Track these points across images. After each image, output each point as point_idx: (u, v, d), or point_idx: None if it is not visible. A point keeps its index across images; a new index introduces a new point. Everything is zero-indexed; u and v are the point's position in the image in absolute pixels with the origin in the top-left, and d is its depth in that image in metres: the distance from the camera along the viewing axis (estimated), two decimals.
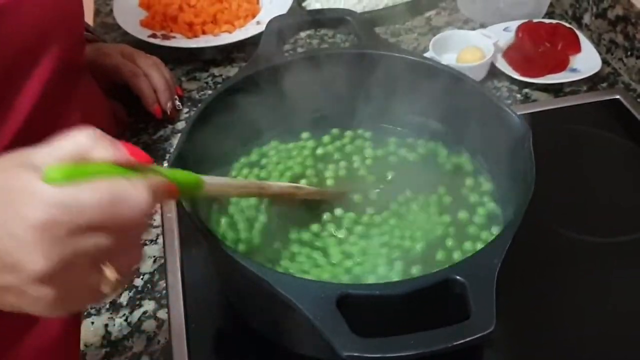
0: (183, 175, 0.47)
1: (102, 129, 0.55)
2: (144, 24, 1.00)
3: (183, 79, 0.95)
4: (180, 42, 0.97)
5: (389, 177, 0.71)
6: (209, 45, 0.96)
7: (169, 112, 0.85)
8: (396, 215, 0.66)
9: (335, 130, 0.77)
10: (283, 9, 1.00)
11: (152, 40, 0.96)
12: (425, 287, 0.50)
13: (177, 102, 0.87)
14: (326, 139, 0.76)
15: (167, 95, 0.85)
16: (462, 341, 0.45)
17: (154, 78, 0.84)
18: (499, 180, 0.68)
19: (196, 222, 0.55)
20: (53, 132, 0.62)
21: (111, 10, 1.05)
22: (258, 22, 1.00)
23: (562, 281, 0.66)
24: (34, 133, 0.59)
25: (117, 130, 0.85)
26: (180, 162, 0.60)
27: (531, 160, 0.60)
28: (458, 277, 0.49)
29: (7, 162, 0.39)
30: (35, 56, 0.59)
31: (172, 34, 0.98)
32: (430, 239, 0.63)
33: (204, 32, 0.99)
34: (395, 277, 0.58)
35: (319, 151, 0.74)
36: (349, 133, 0.76)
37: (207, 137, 0.67)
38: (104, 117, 0.76)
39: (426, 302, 0.52)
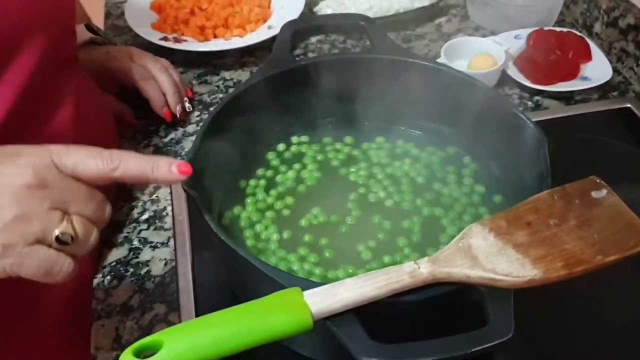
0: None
1: (99, 127, 0.58)
2: (156, 27, 1.00)
3: (194, 82, 0.95)
4: (192, 45, 0.97)
5: (401, 182, 0.71)
6: (220, 49, 0.96)
7: (178, 115, 0.85)
8: (409, 219, 0.67)
9: (347, 137, 0.77)
10: (295, 14, 1.00)
11: (163, 43, 0.96)
12: (442, 293, 0.49)
13: (187, 105, 0.87)
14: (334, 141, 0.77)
15: (177, 99, 0.85)
16: (480, 347, 0.45)
17: (163, 81, 0.84)
18: (511, 188, 0.68)
19: (211, 225, 0.55)
20: (42, 126, 0.62)
21: (122, 13, 1.05)
22: (269, 27, 1.00)
23: (577, 288, 0.66)
24: (20, 125, 0.59)
25: (123, 131, 0.85)
26: (193, 166, 0.60)
27: (547, 168, 0.60)
28: None
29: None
30: (15, 45, 0.58)
31: (184, 37, 0.98)
32: (441, 246, 0.63)
33: (215, 36, 0.99)
34: None
35: (330, 154, 0.75)
36: (360, 137, 0.77)
37: (220, 140, 0.67)
38: (100, 114, 0.76)
39: (444, 309, 0.52)
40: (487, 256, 0.50)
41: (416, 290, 0.49)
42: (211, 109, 0.69)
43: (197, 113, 0.89)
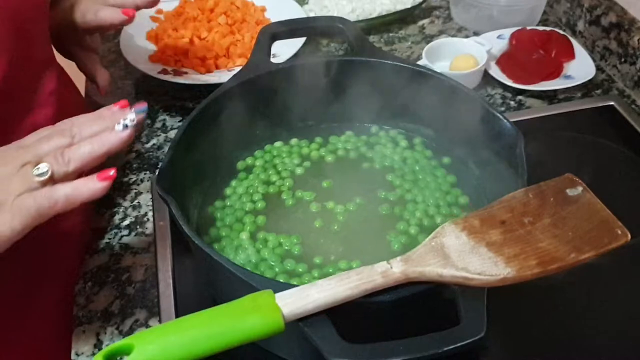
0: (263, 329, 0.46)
1: None
2: (154, 59, 0.95)
3: (176, 87, 0.94)
4: (193, 78, 0.91)
5: (379, 181, 0.72)
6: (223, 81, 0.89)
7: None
8: (382, 219, 0.67)
9: (328, 136, 0.78)
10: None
11: (162, 76, 0.91)
12: (415, 293, 0.49)
13: None
14: (316, 144, 0.77)
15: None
16: (452, 347, 0.45)
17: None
18: (490, 187, 0.68)
19: (184, 229, 0.55)
20: (24, 126, 0.62)
21: (117, 43, 1.00)
22: (273, 55, 0.86)
23: (555, 286, 0.66)
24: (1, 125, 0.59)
25: None
26: (169, 171, 0.60)
27: (522, 166, 0.60)
28: None
29: None
30: None
31: (184, 69, 0.93)
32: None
33: (217, 67, 0.95)
34: None
35: (311, 154, 0.75)
36: (341, 138, 0.77)
37: (198, 144, 0.67)
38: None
39: (417, 308, 0.52)
40: (459, 255, 0.50)
41: (389, 290, 0.49)
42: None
43: (179, 119, 0.89)
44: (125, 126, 0.50)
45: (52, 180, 0.49)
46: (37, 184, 0.49)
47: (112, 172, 0.49)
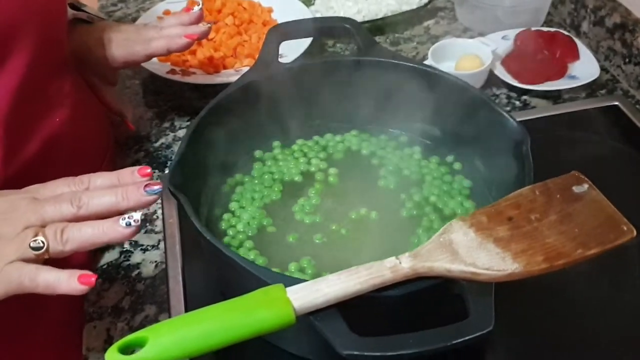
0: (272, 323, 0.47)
1: (95, 130, 0.58)
2: (162, 59, 0.96)
3: (184, 86, 0.95)
4: (201, 78, 0.93)
5: (384, 182, 0.72)
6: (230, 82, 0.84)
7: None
8: (389, 218, 0.68)
9: (335, 136, 0.78)
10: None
11: (170, 76, 0.92)
12: (424, 288, 0.50)
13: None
14: (324, 143, 0.78)
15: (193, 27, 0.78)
16: (461, 340, 0.46)
17: (169, 29, 0.77)
18: (496, 185, 0.69)
19: (197, 226, 0.55)
20: (40, 128, 0.63)
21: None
22: (280, 55, 0.85)
23: (562, 282, 0.66)
24: (17, 129, 0.60)
25: (116, 136, 0.86)
26: (180, 168, 0.61)
27: (529, 164, 0.60)
28: None
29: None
30: (7, 47, 0.58)
31: (192, 69, 0.95)
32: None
33: (224, 67, 0.96)
34: None
35: (315, 155, 0.76)
36: (349, 138, 0.78)
37: (207, 143, 0.67)
38: (96, 117, 0.77)
39: (425, 303, 0.52)
40: (467, 251, 0.50)
41: (398, 285, 0.50)
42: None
43: (187, 118, 0.90)
44: (129, 224, 0.49)
45: (47, 253, 0.49)
46: (31, 255, 0.49)
47: (93, 278, 0.49)
